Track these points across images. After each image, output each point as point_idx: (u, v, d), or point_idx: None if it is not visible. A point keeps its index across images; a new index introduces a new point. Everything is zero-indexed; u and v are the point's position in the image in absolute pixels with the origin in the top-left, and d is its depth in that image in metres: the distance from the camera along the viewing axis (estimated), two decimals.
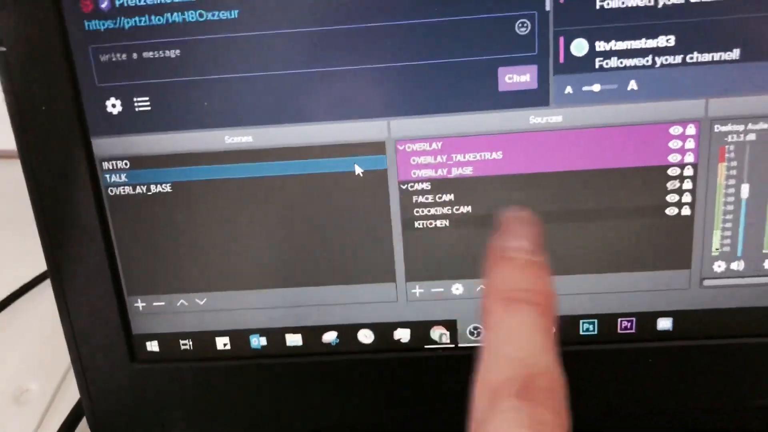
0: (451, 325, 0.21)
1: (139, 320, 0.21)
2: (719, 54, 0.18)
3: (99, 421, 0.22)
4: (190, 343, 0.21)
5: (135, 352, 0.21)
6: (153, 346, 0.21)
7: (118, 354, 0.21)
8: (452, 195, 0.19)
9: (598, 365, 0.21)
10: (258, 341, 0.21)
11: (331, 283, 0.20)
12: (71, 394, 0.25)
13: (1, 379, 0.27)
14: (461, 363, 0.21)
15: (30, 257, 0.26)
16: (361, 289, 0.20)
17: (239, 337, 0.21)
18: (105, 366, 0.22)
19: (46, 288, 0.26)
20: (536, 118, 0.18)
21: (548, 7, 0.18)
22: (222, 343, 0.21)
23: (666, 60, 0.18)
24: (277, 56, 0.18)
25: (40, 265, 0.25)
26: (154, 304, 0.21)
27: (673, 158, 0.19)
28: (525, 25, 0.18)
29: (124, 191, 0.20)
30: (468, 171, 0.19)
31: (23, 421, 0.25)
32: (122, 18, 0.18)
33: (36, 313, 0.30)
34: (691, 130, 0.18)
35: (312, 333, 0.21)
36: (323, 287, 0.20)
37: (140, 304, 0.21)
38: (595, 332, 0.20)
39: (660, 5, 0.18)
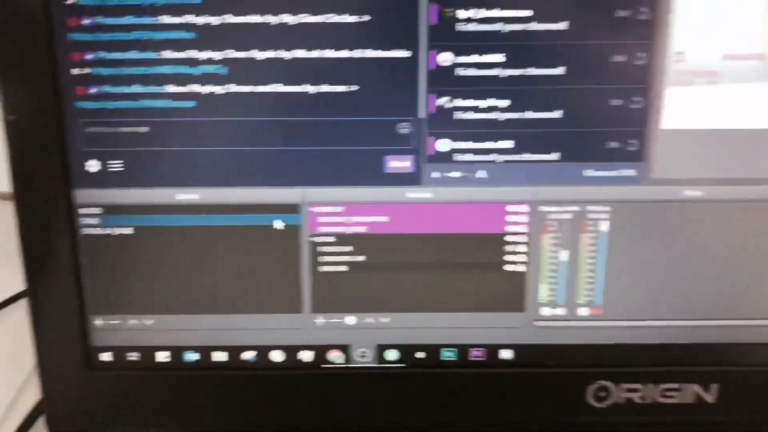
0: (345, 349, 0.27)
1: (96, 335, 0.26)
2: (544, 155, 0.25)
3: (55, 418, 0.27)
4: (138, 355, 0.27)
5: (91, 361, 0.27)
6: (107, 356, 0.27)
7: (78, 362, 0.27)
8: (350, 247, 0.26)
9: (456, 385, 0.27)
10: (191, 356, 0.27)
11: (251, 312, 0.26)
12: (33, 396, 0.30)
13: None
14: (352, 379, 0.27)
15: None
16: (275, 317, 0.26)
17: (176, 352, 0.27)
18: (65, 371, 0.27)
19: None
20: (412, 193, 0.25)
21: (422, 115, 0.24)
22: (163, 356, 0.27)
23: (506, 158, 0.25)
24: (222, 137, 0.25)
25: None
26: (111, 322, 0.26)
27: (510, 228, 0.25)
28: (405, 127, 0.25)
29: (94, 232, 0.26)
30: (362, 230, 0.25)
31: None
32: (106, 101, 0.24)
33: (11, 324, 0.35)
34: (523, 209, 0.25)
35: (234, 351, 0.27)
36: (245, 315, 0.26)
37: (99, 322, 0.26)
38: (455, 358, 0.27)
39: (503, 120, 0.25)
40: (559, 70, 0.24)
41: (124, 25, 0.24)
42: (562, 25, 0.24)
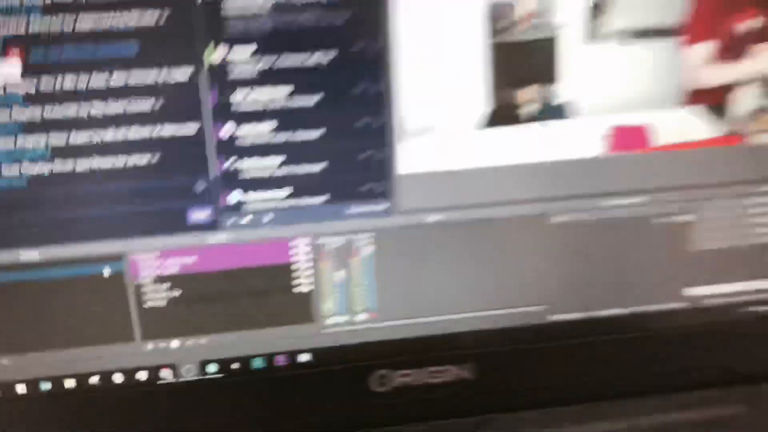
0: (173, 367, 0.33)
1: None
2: (316, 198, 0.32)
3: None
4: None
5: None
6: None
7: None
8: (168, 284, 0.32)
9: (266, 386, 0.33)
10: (45, 386, 0.32)
11: (88, 345, 0.32)
12: None
13: None
14: (181, 390, 0.33)
15: None
16: (112, 347, 0.32)
17: (32, 383, 0.32)
18: None
19: None
20: (212, 238, 0.31)
21: (212, 176, 0.31)
22: (20, 388, 0.32)
23: (286, 203, 0.32)
24: (54, 204, 0.30)
25: None
26: None
27: (294, 258, 0.32)
28: (202, 185, 0.31)
29: None
30: (175, 270, 0.32)
31: None
32: None
33: None
34: (305, 241, 0.32)
35: (81, 377, 0.32)
36: (88, 347, 0.32)
37: None
38: (264, 365, 0.33)
39: (279, 174, 0.31)
40: (318, 133, 0.31)
41: None
42: (316, 99, 0.31)
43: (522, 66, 0.32)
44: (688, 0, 0.31)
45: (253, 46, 0.30)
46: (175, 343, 0.32)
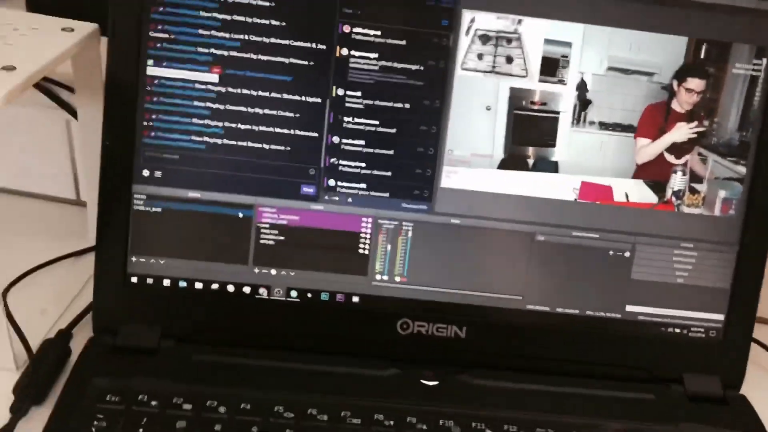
0: (268, 288, 0.49)
1: (132, 266, 0.48)
2: (383, 193, 0.48)
3: (99, 312, 0.48)
4: (155, 280, 0.48)
5: (127, 280, 0.48)
6: (135, 279, 0.48)
7: (119, 280, 0.48)
8: (277, 231, 0.48)
9: (328, 314, 0.49)
10: (182, 284, 0.48)
11: (216, 261, 0.48)
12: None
13: None
14: (270, 306, 0.49)
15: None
16: (230, 266, 0.48)
17: (172, 279, 0.48)
18: (110, 285, 0.48)
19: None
20: (313, 205, 0.48)
21: (321, 166, 0.48)
22: (166, 282, 0.48)
23: (363, 193, 0.48)
24: (224, 160, 0.47)
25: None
26: (141, 260, 0.48)
27: (363, 229, 0.48)
28: (313, 171, 0.48)
29: (142, 208, 0.47)
30: (285, 222, 0.48)
31: None
32: (163, 140, 0.47)
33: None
34: (370, 220, 0.48)
35: (206, 282, 0.49)
36: (212, 262, 0.48)
37: (134, 259, 0.48)
38: (327, 299, 0.49)
39: (362, 173, 0.48)
40: (391, 152, 0.48)
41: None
42: (394, 130, 0.48)
43: (531, 132, 0.49)
44: (639, 111, 0.48)
45: (360, 92, 0.48)
46: (273, 271, 0.49)
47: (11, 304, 0.49)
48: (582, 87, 0.48)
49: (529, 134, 0.49)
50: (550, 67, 0.48)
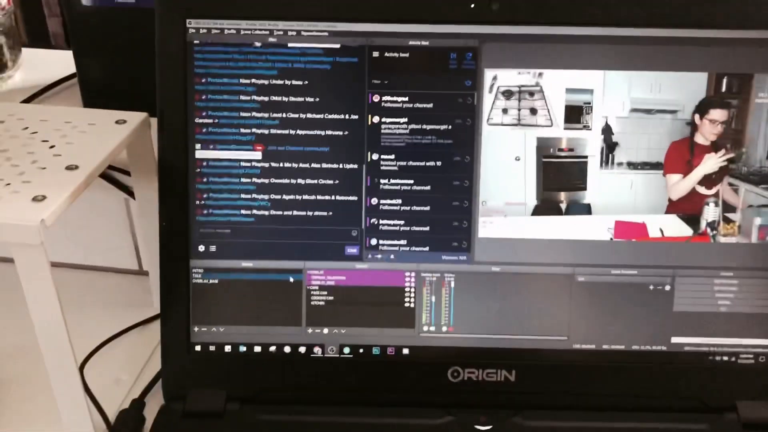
0: (322, 346, 0.52)
1: (194, 335, 0.51)
2: (423, 248, 0.50)
3: (168, 378, 0.51)
4: (216, 348, 0.51)
5: (190, 348, 0.51)
6: (198, 348, 0.51)
7: (183, 348, 0.51)
8: (327, 291, 0.51)
9: (379, 368, 0.51)
10: (240, 348, 0.51)
11: (272, 325, 0.51)
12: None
13: None
14: (325, 363, 0.51)
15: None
16: (285, 328, 0.51)
17: (233, 345, 0.51)
18: (176, 353, 0.51)
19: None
20: (358, 264, 0.51)
21: (362, 227, 0.50)
22: (227, 348, 0.51)
23: (404, 249, 0.50)
24: (269, 233, 0.51)
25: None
26: (202, 329, 0.51)
27: (407, 283, 0.51)
28: (355, 232, 0.50)
29: (200, 281, 0.51)
30: (332, 282, 0.51)
31: None
32: (213, 216, 0.50)
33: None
34: (412, 275, 0.51)
35: (264, 346, 0.51)
36: (269, 326, 0.51)
37: (196, 329, 0.51)
38: (380, 353, 0.51)
39: (403, 230, 0.50)
40: (428, 208, 0.50)
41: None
42: (428, 187, 0.50)
43: (561, 177, 0.50)
44: (664, 149, 0.49)
45: (393, 155, 0.50)
46: (325, 330, 0.51)
47: (87, 375, 0.53)
48: (607, 131, 0.50)
49: (559, 180, 0.50)
50: (574, 115, 0.50)
